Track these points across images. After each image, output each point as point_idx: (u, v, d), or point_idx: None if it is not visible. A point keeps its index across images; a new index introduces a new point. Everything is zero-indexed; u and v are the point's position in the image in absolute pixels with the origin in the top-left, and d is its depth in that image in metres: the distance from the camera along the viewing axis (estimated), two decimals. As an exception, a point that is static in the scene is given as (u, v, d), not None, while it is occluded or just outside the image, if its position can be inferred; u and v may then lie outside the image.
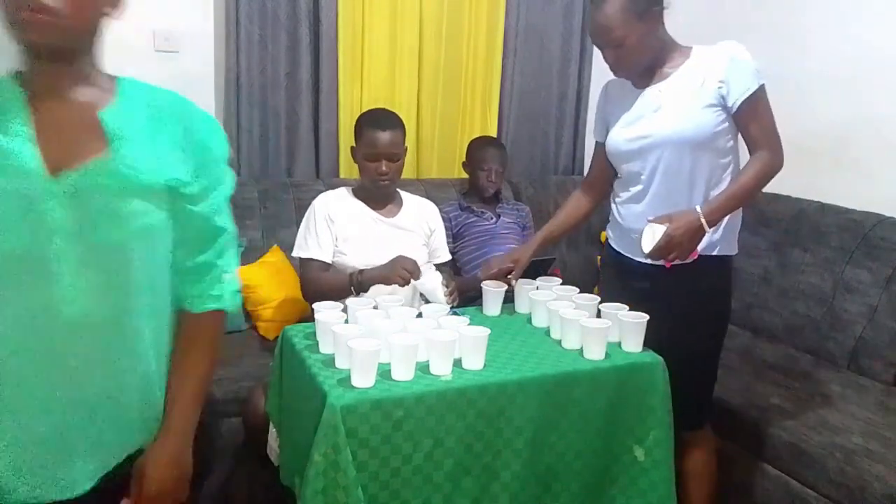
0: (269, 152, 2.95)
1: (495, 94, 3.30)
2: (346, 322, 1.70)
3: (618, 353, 1.74)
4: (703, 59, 1.80)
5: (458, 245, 2.72)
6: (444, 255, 2.33)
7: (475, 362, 1.62)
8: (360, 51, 3.01)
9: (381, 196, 2.19)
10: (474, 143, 2.92)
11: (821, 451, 1.94)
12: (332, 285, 2.03)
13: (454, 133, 3.28)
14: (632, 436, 1.73)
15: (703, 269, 1.82)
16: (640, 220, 1.82)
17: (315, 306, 1.77)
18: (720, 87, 1.75)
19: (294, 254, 2.17)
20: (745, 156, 1.82)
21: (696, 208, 1.72)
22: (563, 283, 2.04)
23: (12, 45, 1.02)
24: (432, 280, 1.99)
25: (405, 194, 2.29)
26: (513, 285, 2.01)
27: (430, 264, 2.22)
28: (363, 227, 2.15)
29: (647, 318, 1.74)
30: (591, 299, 1.88)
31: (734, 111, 1.76)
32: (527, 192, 3.24)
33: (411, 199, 2.29)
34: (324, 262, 2.10)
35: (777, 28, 2.88)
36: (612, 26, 1.75)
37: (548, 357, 1.71)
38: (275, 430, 1.88)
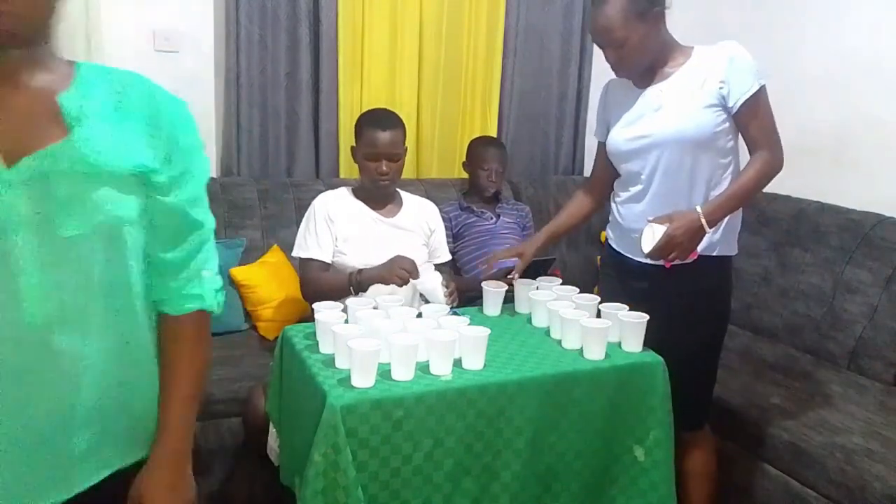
0: (269, 152, 2.95)
1: (495, 94, 3.30)
2: (346, 322, 1.70)
3: (618, 354, 1.74)
4: (704, 60, 1.80)
5: (458, 245, 2.72)
6: (444, 256, 2.33)
7: (475, 362, 1.62)
8: (360, 51, 3.01)
9: (381, 196, 2.19)
10: (474, 143, 2.93)
11: (821, 451, 1.94)
12: (332, 285, 2.03)
13: (454, 133, 3.28)
14: (632, 436, 1.73)
15: (702, 270, 1.82)
16: (640, 220, 1.82)
17: (315, 306, 1.77)
18: (721, 88, 1.75)
19: (294, 254, 2.17)
20: (745, 156, 1.82)
21: (697, 208, 1.72)
22: (563, 283, 2.04)
23: None
24: (432, 280, 1.99)
25: (405, 194, 2.29)
26: (515, 279, 2.01)
27: (429, 264, 2.22)
28: (363, 227, 2.15)
29: (647, 318, 1.74)
30: (591, 299, 1.88)
31: (735, 111, 1.76)
32: (527, 192, 3.24)
33: (411, 199, 2.29)
34: (323, 262, 2.10)
35: (777, 28, 2.88)
36: (613, 27, 1.74)
37: (548, 357, 1.71)
38: (275, 430, 1.88)
